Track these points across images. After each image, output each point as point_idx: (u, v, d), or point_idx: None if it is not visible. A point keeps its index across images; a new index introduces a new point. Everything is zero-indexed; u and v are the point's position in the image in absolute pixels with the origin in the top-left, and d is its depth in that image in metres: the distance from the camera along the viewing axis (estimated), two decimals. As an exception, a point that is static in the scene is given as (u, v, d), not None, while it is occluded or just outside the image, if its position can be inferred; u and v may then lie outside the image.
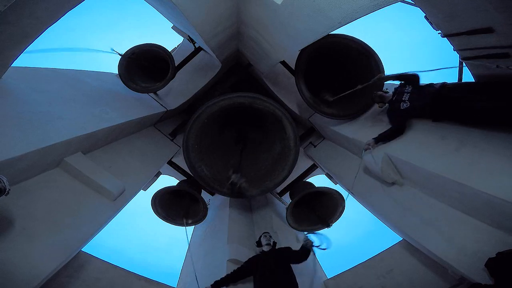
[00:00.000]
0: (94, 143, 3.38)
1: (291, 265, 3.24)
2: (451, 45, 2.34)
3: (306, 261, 3.35)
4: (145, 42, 4.53)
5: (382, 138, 3.19)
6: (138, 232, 15.85)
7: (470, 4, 1.78)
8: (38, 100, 2.87)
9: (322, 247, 3.31)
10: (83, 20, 18.91)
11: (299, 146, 4.12)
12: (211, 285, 3.16)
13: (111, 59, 4.31)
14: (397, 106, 3.15)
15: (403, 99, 3.09)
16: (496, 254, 1.94)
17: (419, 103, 2.93)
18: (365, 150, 3.22)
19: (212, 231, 4.78)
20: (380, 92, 3.51)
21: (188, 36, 4.95)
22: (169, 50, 4.75)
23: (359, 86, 3.65)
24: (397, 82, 3.49)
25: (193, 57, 5.37)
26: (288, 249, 3.44)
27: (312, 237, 3.35)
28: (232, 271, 3.31)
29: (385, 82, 3.77)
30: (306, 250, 3.29)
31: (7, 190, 1.84)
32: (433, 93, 2.79)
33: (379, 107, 3.61)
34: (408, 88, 3.12)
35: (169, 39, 8.53)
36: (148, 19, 19.84)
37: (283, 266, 3.12)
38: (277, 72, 5.53)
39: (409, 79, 3.15)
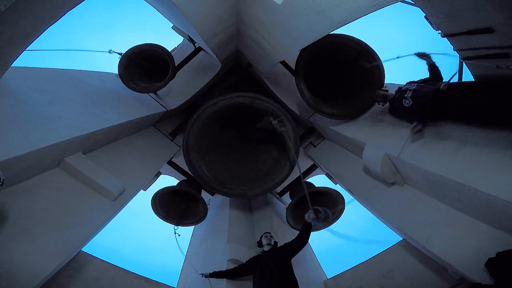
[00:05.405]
0: (94, 143, 3.38)
1: (293, 263, 3.19)
2: (451, 45, 2.34)
3: (305, 262, 3.33)
4: (145, 42, 4.53)
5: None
6: (135, 232, 15.86)
7: (470, 4, 1.78)
8: (38, 100, 2.87)
9: (320, 220, 3.27)
10: (82, 20, 18.95)
11: (299, 146, 4.12)
12: (209, 273, 3.33)
13: (111, 59, 4.32)
14: (399, 104, 3.15)
15: (405, 96, 3.09)
16: (496, 254, 1.94)
17: (421, 100, 2.92)
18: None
19: (212, 231, 4.78)
20: (382, 92, 3.51)
21: (188, 36, 4.95)
22: (169, 50, 4.76)
23: (369, 65, 3.70)
24: (399, 82, 3.48)
25: (193, 57, 5.37)
26: (285, 245, 3.36)
27: (317, 211, 3.24)
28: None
29: (420, 59, 3.51)
30: (306, 226, 3.20)
31: (2, 180, 1.78)
32: (436, 89, 2.79)
33: (380, 104, 3.60)
34: (412, 86, 3.13)
35: (169, 39, 8.53)
36: (148, 19, 19.88)
37: (282, 265, 3.08)
38: (277, 72, 5.53)
39: (436, 74, 3.08)
